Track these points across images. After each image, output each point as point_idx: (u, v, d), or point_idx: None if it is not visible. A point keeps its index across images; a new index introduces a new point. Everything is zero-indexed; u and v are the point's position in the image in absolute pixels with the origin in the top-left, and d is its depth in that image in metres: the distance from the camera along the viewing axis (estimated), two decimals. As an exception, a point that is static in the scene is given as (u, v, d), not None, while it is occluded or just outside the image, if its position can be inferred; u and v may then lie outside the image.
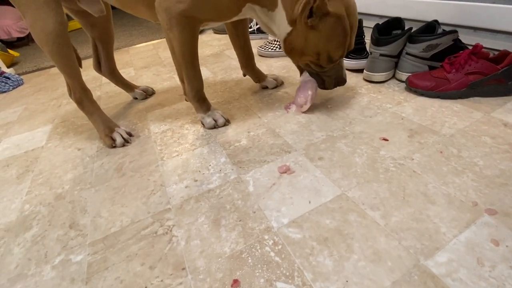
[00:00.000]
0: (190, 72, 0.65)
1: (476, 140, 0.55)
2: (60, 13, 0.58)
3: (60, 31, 0.59)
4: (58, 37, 0.59)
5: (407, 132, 0.60)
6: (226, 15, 0.62)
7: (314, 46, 0.59)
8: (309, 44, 0.59)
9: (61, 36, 0.59)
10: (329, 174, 0.51)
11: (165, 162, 0.61)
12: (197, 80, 0.67)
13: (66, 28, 0.61)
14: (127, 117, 0.84)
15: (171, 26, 0.58)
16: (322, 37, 0.58)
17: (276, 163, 0.56)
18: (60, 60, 0.62)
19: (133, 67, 1.31)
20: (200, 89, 0.69)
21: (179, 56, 0.62)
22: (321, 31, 0.57)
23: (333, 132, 0.63)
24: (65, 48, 0.61)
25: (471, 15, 0.79)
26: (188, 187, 0.53)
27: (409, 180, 0.48)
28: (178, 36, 0.59)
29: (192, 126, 0.74)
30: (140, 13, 0.66)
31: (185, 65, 0.64)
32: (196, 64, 0.65)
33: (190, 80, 0.67)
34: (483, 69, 0.64)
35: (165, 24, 0.58)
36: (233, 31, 0.79)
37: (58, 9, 0.58)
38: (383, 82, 0.81)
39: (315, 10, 0.54)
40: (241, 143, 0.64)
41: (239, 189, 0.51)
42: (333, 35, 0.58)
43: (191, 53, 0.63)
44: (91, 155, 0.69)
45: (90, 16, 0.74)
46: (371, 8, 1.09)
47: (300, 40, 0.59)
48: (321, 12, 0.54)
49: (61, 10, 0.59)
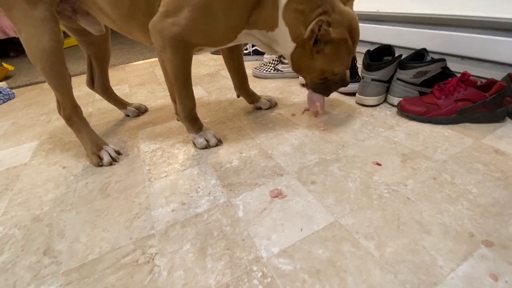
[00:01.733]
0: (183, 92, 0.65)
1: (469, 167, 0.54)
2: (57, 31, 0.58)
3: (55, 49, 0.59)
4: (52, 55, 0.59)
5: (400, 157, 0.59)
6: (221, 42, 0.63)
7: (319, 66, 0.62)
8: (315, 65, 0.62)
9: (55, 54, 0.59)
10: (322, 199, 0.50)
11: (152, 183, 0.59)
12: (189, 100, 0.67)
13: (62, 46, 0.60)
14: (117, 134, 0.83)
15: (164, 48, 0.58)
16: (327, 59, 0.61)
17: (268, 186, 0.54)
18: (53, 78, 0.61)
19: (128, 84, 1.31)
20: (192, 109, 0.68)
21: (172, 77, 0.62)
22: (326, 54, 0.60)
23: (326, 155, 0.62)
24: (59, 66, 0.60)
25: (458, 45, 0.82)
26: (174, 211, 0.51)
27: (403, 208, 0.47)
28: (171, 58, 0.59)
29: (183, 145, 0.72)
30: (136, 37, 0.67)
31: (178, 86, 0.63)
32: (189, 85, 0.65)
33: (182, 100, 0.66)
34: (472, 96, 0.65)
35: (158, 46, 0.58)
36: (228, 54, 0.80)
37: (55, 27, 0.58)
38: (375, 106, 0.82)
39: (320, 37, 0.56)
40: (233, 165, 0.62)
41: (228, 214, 0.49)
42: (337, 56, 0.61)
43: (184, 75, 0.62)
44: (76, 173, 0.66)
45: (88, 35, 0.75)
46: (363, 35, 1.13)
47: (306, 59, 0.62)
48: (325, 40, 0.57)
49: (58, 28, 0.59)
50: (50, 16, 0.56)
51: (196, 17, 0.54)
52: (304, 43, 0.58)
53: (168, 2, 0.55)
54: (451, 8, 0.85)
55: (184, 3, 0.53)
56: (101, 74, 0.83)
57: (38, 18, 0.55)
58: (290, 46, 0.61)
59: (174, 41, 0.57)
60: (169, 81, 0.66)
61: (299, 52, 0.61)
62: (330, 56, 0.60)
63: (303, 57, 0.62)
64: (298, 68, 0.66)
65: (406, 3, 0.98)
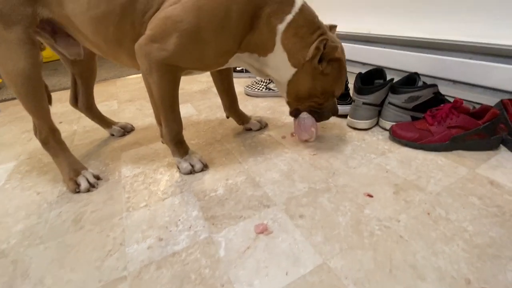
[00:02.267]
0: (169, 115, 0.62)
1: (463, 201, 0.52)
2: (34, 54, 0.55)
3: (32, 72, 0.55)
4: (28, 79, 0.56)
5: (392, 187, 0.57)
6: (211, 67, 0.61)
7: (321, 88, 0.63)
8: (317, 86, 0.62)
9: (32, 78, 0.56)
10: (310, 236, 0.47)
11: (130, 214, 0.55)
12: (175, 123, 0.64)
13: (39, 69, 0.57)
14: (99, 156, 0.79)
15: (151, 71, 0.55)
16: (330, 80, 0.62)
17: (253, 220, 0.51)
18: (28, 102, 0.58)
19: (117, 100, 1.28)
20: (178, 132, 0.65)
21: (158, 100, 0.59)
22: (329, 74, 0.61)
23: (316, 184, 0.59)
24: (35, 90, 0.57)
25: (450, 69, 0.82)
26: (150, 248, 0.47)
27: (396, 248, 0.43)
28: (158, 82, 0.56)
29: (167, 170, 0.69)
30: (123, 62, 0.64)
31: (164, 109, 0.60)
32: (175, 107, 0.62)
33: (168, 123, 0.63)
34: (465, 123, 0.64)
35: (145, 69, 0.56)
36: (217, 74, 0.78)
37: (33, 50, 0.55)
38: (366, 129, 0.81)
39: (324, 56, 0.58)
40: (217, 193, 0.59)
41: (208, 253, 0.45)
42: (339, 75, 0.63)
43: (171, 98, 0.60)
44: (50, 201, 0.62)
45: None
46: (355, 55, 1.13)
47: (307, 82, 0.62)
48: (329, 57, 0.58)
49: (36, 51, 0.56)
50: (27, 39, 0.54)
51: (185, 43, 0.52)
52: (306, 66, 0.59)
53: (155, 26, 0.52)
54: (443, 32, 0.85)
55: (172, 29, 0.51)
56: (85, 92, 0.81)
57: (13, 40, 0.53)
58: (289, 72, 0.61)
59: (161, 65, 0.54)
60: (155, 104, 0.64)
61: (300, 76, 0.61)
62: (333, 75, 0.62)
63: (304, 81, 0.61)
64: (296, 94, 0.65)
65: (398, 25, 0.98)
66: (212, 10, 0.51)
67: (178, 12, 0.50)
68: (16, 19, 0.53)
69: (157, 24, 0.52)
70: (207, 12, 0.51)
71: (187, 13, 0.50)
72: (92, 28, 0.56)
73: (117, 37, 0.57)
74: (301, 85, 0.62)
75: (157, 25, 0.52)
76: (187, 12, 0.50)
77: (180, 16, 0.50)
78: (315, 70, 0.59)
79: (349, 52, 1.15)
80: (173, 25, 0.51)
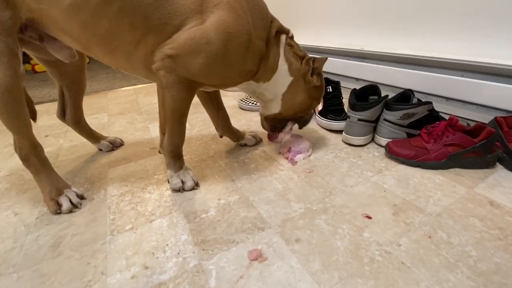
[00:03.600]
0: (175, 129, 0.61)
1: (465, 222, 0.50)
2: (13, 65, 0.52)
3: (11, 85, 0.52)
4: (7, 92, 0.52)
5: (391, 208, 0.55)
6: (229, 85, 0.64)
7: (313, 98, 0.71)
8: (309, 96, 0.69)
9: (11, 91, 0.52)
10: (307, 263, 0.44)
11: (114, 238, 0.51)
12: (179, 137, 0.63)
13: (19, 81, 0.54)
14: (85, 173, 0.75)
15: (171, 86, 0.55)
16: (318, 89, 0.70)
17: (247, 245, 0.48)
18: (7, 117, 0.54)
19: (108, 113, 1.24)
20: (179, 146, 0.64)
21: (169, 112, 0.58)
22: (319, 84, 0.69)
23: (312, 205, 0.57)
24: (14, 104, 0.53)
25: (443, 86, 0.82)
26: (135, 278, 0.43)
27: (398, 276, 0.41)
28: (175, 96, 0.56)
29: (156, 188, 0.66)
30: (140, 75, 0.62)
31: (172, 121, 0.60)
32: (183, 122, 0.62)
33: (172, 135, 0.62)
34: (461, 141, 0.63)
35: (165, 83, 0.55)
36: (205, 94, 0.77)
37: (12, 61, 0.52)
38: (362, 146, 0.79)
39: (314, 70, 0.66)
40: (209, 215, 0.56)
41: (198, 284, 0.41)
42: (322, 86, 0.72)
43: (182, 112, 0.60)
44: (28, 223, 0.57)
45: (61, 66, 0.69)
46: (349, 71, 1.14)
47: (300, 93, 0.68)
48: (317, 71, 0.68)
49: (16, 62, 0.53)
50: (5, 49, 0.50)
51: (210, 64, 0.53)
52: (300, 79, 0.67)
53: (179, 46, 0.51)
54: (435, 50, 0.86)
55: (198, 50, 0.51)
56: (73, 106, 0.77)
57: None
58: (286, 82, 0.67)
59: (183, 81, 0.55)
60: (164, 115, 0.63)
61: (296, 85, 0.67)
62: (321, 84, 0.70)
63: (298, 91, 0.68)
64: (291, 104, 0.70)
65: (390, 42, 1.00)
66: (237, 33, 0.52)
67: (203, 34, 0.50)
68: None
69: (181, 44, 0.51)
70: (233, 35, 0.52)
71: (214, 35, 0.51)
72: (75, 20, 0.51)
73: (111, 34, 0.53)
74: (296, 94, 0.68)
75: (180, 45, 0.51)
76: (213, 34, 0.51)
77: (206, 39, 0.51)
78: (308, 83, 0.67)
79: (343, 68, 1.16)
80: (198, 47, 0.51)
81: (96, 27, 0.52)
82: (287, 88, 0.67)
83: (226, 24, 0.51)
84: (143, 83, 1.78)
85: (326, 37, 1.28)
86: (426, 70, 0.87)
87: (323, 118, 0.91)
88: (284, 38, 0.63)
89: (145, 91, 1.58)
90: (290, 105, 0.70)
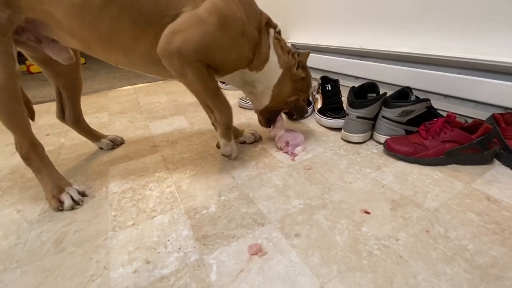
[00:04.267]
0: (217, 102, 0.65)
1: (462, 217, 0.51)
2: (9, 64, 0.52)
3: (7, 83, 0.52)
4: (3, 90, 0.52)
5: (389, 203, 0.55)
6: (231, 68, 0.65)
7: (300, 89, 0.75)
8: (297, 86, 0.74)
9: (7, 89, 0.53)
10: (307, 257, 0.44)
11: (116, 234, 0.52)
12: (226, 108, 0.67)
13: (16, 80, 0.54)
14: (86, 170, 0.76)
15: (184, 72, 0.57)
16: (305, 81, 0.76)
17: (247, 239, 0.49)
18: (4, 116, 0.54)
19: (108, 112, 1.25)
20: (230, 113, 0.68)
21: (202, 94, 0.63)
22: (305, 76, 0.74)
23: (311, 200, 0.58)
24: (11, 102, 0.54)
25: (441, 84, 0.83)
26: (137, 272, 0.44)
27: (396, 269, 0.42)
28: (195, 78, 0.58)
29: (157, 185, 0.66)
30: (141, 70, 0.64)
31: (211, 99, 0.64)
32: (220, 93, 0.65)
33: (219, 108, 0.66)
34: (459, 138, 0.64)
35: (178, 71, 0.57)
36: None
37: (7, 60, 0.52)
38: (361, 143, 0.80)
39: (299, 64, 0.72)
40: (209, 211, 0.56)
41: (199, 277, 0.42)
42: (309, 78, 0.77)
43: (212, 87, 0.62)
44: (30, 220, 0.58)
45: (56, 66, 0.70)
46: (347, 69, 1.14)
47: (289, 84, 0.73)
48: (302, 64, 0.73)
49: (11, 61, 0.52)
50: (0, 49, 0.51)
51: (208, 40, 0.55)
52: (288, 70, 0.71)
53: (177, 23, 0.53)
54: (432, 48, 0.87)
55: (196, 23, 0.53)
56: (72, 105, 0.78)
57: None
58: (277, 74, 0.71)
59: (192, 62, 0.56)
60: (201, 98, 0.69)
61: (285, 77, 0.72)
62: (307, 76, 0.75)
63: (287, 83, 0.72)
64: (281, 95, 0.74)
65: (390, 40, 1.00)
66: (231, 17, 0.56)
67: (197, 15, 0.53)
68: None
69: (178, 22, 0.53)
70: (227, 18, 0.55)
71: (208, 17, 0.53)
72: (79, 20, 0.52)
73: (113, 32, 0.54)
74: (286, 86, 0.73)
75: (177, 23, 0.53)
76: (207, 16, 0.53)
77: (201, 19, 0.53)
78: (295, 76, 0.72)
79: (342, 66, 1.16)
80: (196, 22, 0.53)
81: (98, 26, 0.53)
82: (277, 81, 0.71)
83: (220, 8, 0.54)
84: (143, 83, 1.78)
85: (325, 36, 1.29)
86: (424, 68, 0.88)
87: (323, 116, 0.91)
88: (272, 31, 0.68)
89: (145, 91, 1.59)
90: (280, 97, 0.74)
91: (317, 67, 1.29)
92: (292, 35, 1.50)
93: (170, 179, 0.69)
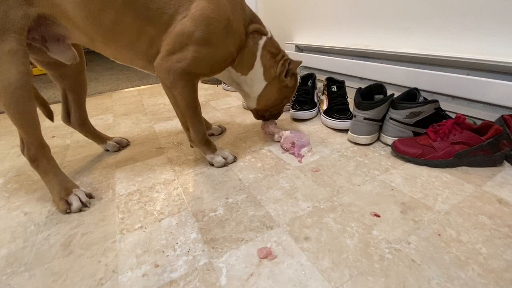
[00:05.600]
0: (195, 119, 0.68)
1: (474, 220, 0.50)
2: (25, 63, 0.53)
3: (23, 82, 0.53)
4: (19, 89, 0.53)
5: (399, 206, 0.55)
6: (217, 71, 0.69)
7: (284, 95, 0.79)
8: (282, 95, 0.78)
9: (23, 88, 0.53)
10: (317, 261, 0.44)
11: (124, 237, 0.52)
12: (201, 125, 0.70)
13: (31, 78, 0.55)
14: (92, 172, 0.76)
15: (175, 84, 0.61)
16: (291, 88, 0.79)
17: (256, 243, 0.48)
18: (18, 115, 0.55)
19: (113, 114, 1.25)
20: (204, 132, 0.72)
21: (184, 108, 0.66)
22: (291, 85, 0.78)
23: (320, 203, 0.57)
24: (26, 101, 0.54)
25: (449, 85, 0.82)
26: (145, 276, 0.43)
27: (409, 273, 0.41)
28: (182, 92, 0.63)
29: (164, 187, 0.66)
30: (137, 66, 0.67)
31: (190, 114, 0.67)
32: (198, 111, 0.68)
33: (195, 126, 0.69)
34: (468, 139, 0.63)
35: (169, 83, 0.62)
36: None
37: (24, 58, 0.53)
38: (368, 144, 0.79)
39: (288, 71, 0.74)
40: (217, 213, 0.56)
41: (208, 282, 0.42)
42: (295, 86, 0.81)
43: (194, 104, 0.67)
44: (38, 222, 0.58)
45: (61, 68, 0.70)
46: (353, 70, 1.13)
47: (274, 93, 0.77)
48: (292, 72, 0.76)
49: (27, 60, 0.53)
50: (18, 47, 0.51)
51: (200, 50, 0.59)
52: (275, 80, 0.75)
53: (172, 42, 0.58)
54: (441, 48, 0.86)
55: (188, 41, 0.58)
56: (77, 108, 0.78)
57: (5, 50, 0.50)
58: (261, 85, 0.76)
59: (183, 75, 0.61)
60: (180, 112, 0.69)
61: (269, 88, 0.76)
62: (293, 85, 0.79)
63: (272, 92, 0.77)
64: (265, 103, 0.80)
65: (395, 41, 0.99)
66: (218, 18, 0.59)
67: (189, 25, 0.57)
68: (8, 25, 0.51)
69: (173, 39, 0.58)
70: (214, 19, 0.59)
71: (198, 23, 0.57)
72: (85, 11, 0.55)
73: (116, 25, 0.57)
74: (270, 95, 0.77)
75: (172, 40, 0.58)
76: (197, 22, 0.57)
77: (192, 28, 0.57)
78: (282, 83, 0.75)
79: (348, 67, 1.16)
80: (188, 38, 0.58)
81: (102, 18, 0.56)
82: (261, 91, 0.77)
83: (206, 10, 0.58)
84: (147, 84, 1.79)
85: (330, 37, 1.28)
86: (432, 69, 0.87)
87: (329, 118, 0.91)
88: (262, 42, 0.70)
89: (149, 92, 1.59)
90: (264, 103, 0.80)
91: (322, 68, 1.29)
92: (297, 36, 1.50)
93: (177, 181, 0.68)
